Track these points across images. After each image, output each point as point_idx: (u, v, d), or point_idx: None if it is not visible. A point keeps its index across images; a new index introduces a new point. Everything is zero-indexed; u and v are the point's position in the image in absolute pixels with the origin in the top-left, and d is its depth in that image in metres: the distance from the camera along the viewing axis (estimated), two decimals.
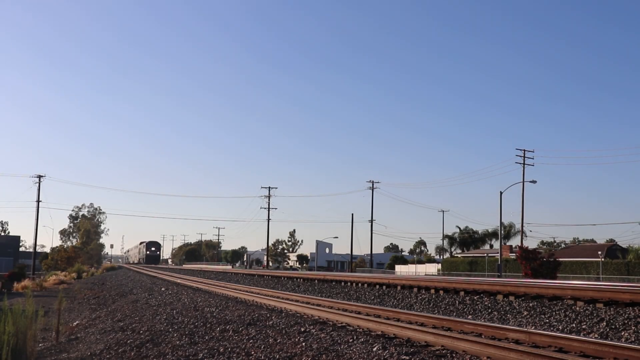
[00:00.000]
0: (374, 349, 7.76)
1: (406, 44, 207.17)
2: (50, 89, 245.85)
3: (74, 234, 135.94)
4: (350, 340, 8.60)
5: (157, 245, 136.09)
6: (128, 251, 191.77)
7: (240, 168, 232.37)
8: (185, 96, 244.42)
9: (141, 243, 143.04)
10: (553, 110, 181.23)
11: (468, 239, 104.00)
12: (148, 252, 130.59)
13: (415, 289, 17.12)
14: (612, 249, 66.28)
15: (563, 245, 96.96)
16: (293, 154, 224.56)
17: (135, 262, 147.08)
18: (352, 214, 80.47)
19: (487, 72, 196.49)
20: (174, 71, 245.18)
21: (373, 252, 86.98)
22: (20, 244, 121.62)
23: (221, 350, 8.76)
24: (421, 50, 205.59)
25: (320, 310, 12.55)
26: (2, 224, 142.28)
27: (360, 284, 20.88)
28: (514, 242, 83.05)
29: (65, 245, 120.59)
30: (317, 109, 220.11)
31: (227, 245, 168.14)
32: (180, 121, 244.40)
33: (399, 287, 18.17)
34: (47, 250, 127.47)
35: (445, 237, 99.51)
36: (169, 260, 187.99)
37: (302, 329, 9.95)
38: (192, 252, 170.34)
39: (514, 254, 59.98)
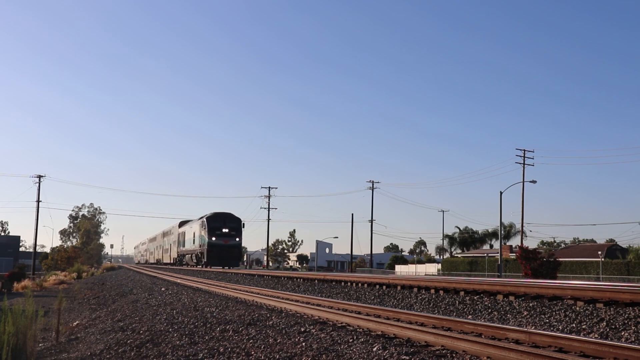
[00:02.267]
0: (374, 349, 7.75)
1: (406, 44, 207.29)
2: (50, 88, 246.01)
3: (74, 234, 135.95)
4: (350, 340, 8.60)
5: (237, 224, 56.04)
6: (144, 244, 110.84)
7: (240, 168, 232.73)
8: (185, 96, 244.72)
9: (185, 223, 66.81)
10: (553, 110, 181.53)
11: (468, 239, 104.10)
12: (214, 239, 53.75)
13: (415, 289, 17.11)
14: (612, 249, 66.33)
15: (563, 245, 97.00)
16: (293, 154, 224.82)
17: (169, 262, 74.62)
18: (352, 214, 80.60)
19: (487, 72, 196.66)
20: (173, 71, 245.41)
21: (373, 252, 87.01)
22: (20, 244, 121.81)
23: (221, 350, 8.75)
24: (421, 50, 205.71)
25: (320, 310, 12.54)
26: (2, 224, 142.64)
27: (360, 284, 20.87)
28: (514, 242, 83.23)
29: (65, 245, 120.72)
30: (317, 109, 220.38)
31: None
32: (180, 121, 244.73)
33: (399, 287, 18.16)
34: (47, 250, 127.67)
35: (445, 237, 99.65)
36: None
37: (302, 329, 9.95)
38: None
39: (514, 254, 59.99)
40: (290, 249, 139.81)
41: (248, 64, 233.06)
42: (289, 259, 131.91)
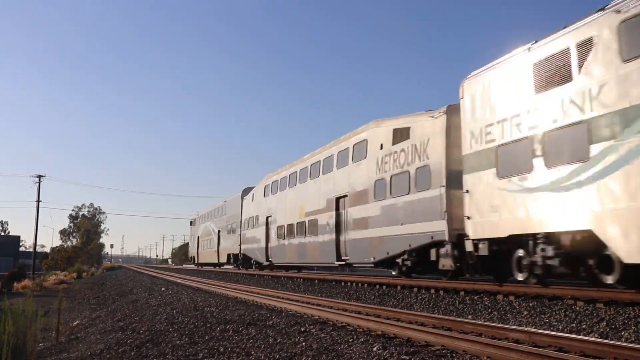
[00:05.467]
0: (374, 349, 7.75)
1: (406, 45, 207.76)
2: (47, 96, 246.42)
3: (74, 234, 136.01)
4: (351, 340, 8.60)
5: None
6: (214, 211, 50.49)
7: (240, 168, 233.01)
8: (185, 97, 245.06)
9: None
10: None
11: None
12: None
13: (415, 289, 17.11)
14: None
15: None
16: (293, 153, 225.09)
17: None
18: None
19: None
20: (172, 74, 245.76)
21: None
22: (20, 244, 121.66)
23: (221, 350, 8.75)
24: (422, 51, 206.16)
25: (320, 310, 12.55)
26: (2, 224, 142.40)
27: (360, 284, 20.87)
28: None
29: (66, 245, 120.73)
30: (317, 108, 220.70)
31: None
32: (180, 121, 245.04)
33: (399, 287, 18.15)
34: (47, 250, 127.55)
35: None
36: (169, 260, 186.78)
37: (302, 329, 9.95)
38: None
39: None
40: None
41: (248, 62, 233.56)
42: None
